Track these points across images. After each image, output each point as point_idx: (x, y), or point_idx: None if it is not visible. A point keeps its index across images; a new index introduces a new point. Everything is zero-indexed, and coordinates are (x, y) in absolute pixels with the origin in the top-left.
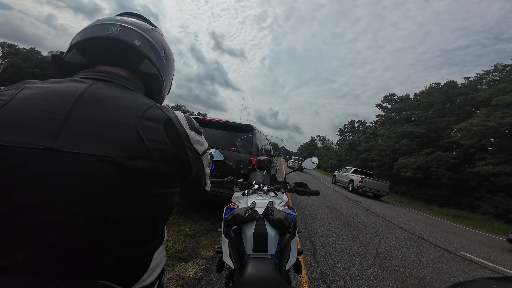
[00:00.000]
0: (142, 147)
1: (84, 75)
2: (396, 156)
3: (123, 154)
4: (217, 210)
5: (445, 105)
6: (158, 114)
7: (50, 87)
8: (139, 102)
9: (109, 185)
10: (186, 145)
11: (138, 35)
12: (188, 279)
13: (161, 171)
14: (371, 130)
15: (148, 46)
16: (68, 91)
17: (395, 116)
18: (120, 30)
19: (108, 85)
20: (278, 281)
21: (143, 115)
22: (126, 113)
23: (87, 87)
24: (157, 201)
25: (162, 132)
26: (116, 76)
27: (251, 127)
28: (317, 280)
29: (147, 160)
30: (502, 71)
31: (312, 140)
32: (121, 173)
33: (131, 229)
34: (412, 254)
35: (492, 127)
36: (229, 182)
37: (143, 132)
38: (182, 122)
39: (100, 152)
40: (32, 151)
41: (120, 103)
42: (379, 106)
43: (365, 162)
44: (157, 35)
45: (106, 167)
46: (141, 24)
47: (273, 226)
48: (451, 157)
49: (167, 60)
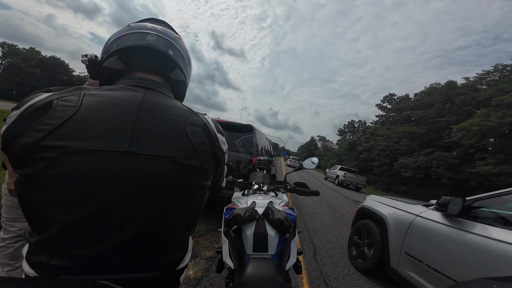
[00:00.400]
0: (192, 148)
1: (131, 82)
2: (396, 156)
3: (182, 155)
4: (217, 210)
5: (445, 105)
6: (198, 120)
7: (112, 95)
8: (182, 110)
9: (176, 180)
10: (217, 145)
11: (171, 45)
12: (188, 279)
13: (205, 167)
14: (371, 130)
15: (179, 55)
16: (129, 99)
17: (395, 116)
18: (156, 40)
19: (156, 94)
20: (278, 281)
21: (189, 121)
22: (177, 120)
23: (143, 96)
24: (201, 192)
25: (202, 135)
26: (157, 84)
27: (251, 127)
28: (317, 280)
29: (196, 159)
30: (502, 71)
31: (312, 140)
32: (182, 170)
33: (184, 217)
34: None
35: (492, 127)
36: (229, 182)
37: (192, 136)
38: (213, 126)
39: (167, 154)
40: (114, 154)
41: (170, 111)
42: (379, 106)
43: (365, 162)
44: (182, 44)
45: (173, 166)
46: (170, 33)
47: (273, 226)
48: (451, 157)
49: (190, 66)
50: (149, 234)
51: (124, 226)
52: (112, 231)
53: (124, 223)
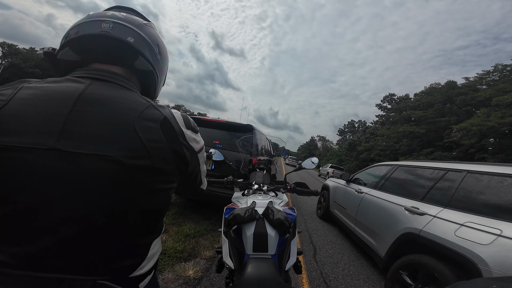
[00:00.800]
0: (141, 146)
1: (81, 73)
2: (396, 156)
3: (124, 154)
4: (217, 210)
5: (445, 105)
6: (155, 114)
7: (49, 87)
8: (136, 103)
9: (113, 182)
10: (182, 142)
11: (131, 31)
12: (188, 279)
13: (159, 168)
14: (371, 130)
15: (142, 43)
16: (67, 91)
17: (395, 116)
18: (113, 27)
19: (106, 85)
20: (278, 281)
21: (141, 115)
22: (124, 114)
23: (85, 87)
24: (157, 196)
25: (159, 131)
26: (112, 74)
27: (251, 127)
28: (317, 280)
29: (146, 158)
30: (502, 71)
31: (312, 140)
32: (122, 171)
33: (134, 222)
34: None
35: (492, 127)
36: (229, 182)
37: (141, 132)
38: (179, 121)
39: (102, 152)
40: (38, 151)
41: (118, 103)
42: (379, 106)
43: (365, 162)
44: (150, 30)
45: (109, 165)
46: (134, 19)
47: (273, 226)
48: (451, 157)
49: (161, 55)
50: (91, 237)
51: (58, 227)
52: (45, 231)
53: (58, 224)
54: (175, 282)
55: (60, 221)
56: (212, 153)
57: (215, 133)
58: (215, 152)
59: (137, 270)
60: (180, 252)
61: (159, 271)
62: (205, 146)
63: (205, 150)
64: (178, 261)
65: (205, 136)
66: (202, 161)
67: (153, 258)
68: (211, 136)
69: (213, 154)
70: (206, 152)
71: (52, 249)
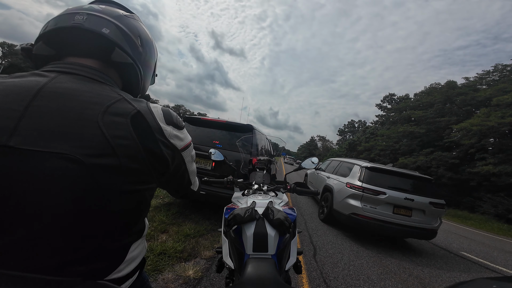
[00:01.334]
0: (105, 143)
1: (50, 67)
2: (396, 156)
3: (84, 152)
4: (217, 210)
5: (445, 105)
6: (126, 108)
7: (11, 82)
8: (104, 96)
9: (71, 182)
10: (159, 139)
11: (107, 22)
12: (188, 279)
13: (128, 168)
14: (371, 130)
15: (119, 34)
16: (27, 86)
17: (395, 116)
18: (87, 18)
19: (72, 78)
20: (278, 281)
21: (107, 110)
22: (88, 108)
23: (48, 81)
24: (128, 197)
25: (128, 127)
26: (84, 67)
27: (251, 127)
28: (317, 280)
29: (110, 157)
30: (502, 71)
31: (312, 140)
32: (83, 170)
33: (104, 224)
34: (412, 254)
35: (492, 127)
36: (229, 182)
37: (106, 128)
38: (157, 116)
39: (59, 150)
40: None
41: (83, 97)
42: (379, 106)
43: None
44: (131, 22)
45: (66, 164)
46: (112, 10)
47: (273, 226)
48: (451, 157)
49: (144, 47)
50: (51, 238)
51: (14, 227)
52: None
53: (12, 225)
54: (175, 282)
55: (15, 221)
56: (212, 153)
57: (215, 133)
58: (215, 152)
59: (114, 273)
60: (180, 252)
61: (159, 271)
62: (205, 146)
63: (205, 150)
64: (178, 261)
65: (205, 136)
66: (189, 160)
67: (134, 261)
68: (211, 136)
69: (213, 154)
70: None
71: (9, 250)
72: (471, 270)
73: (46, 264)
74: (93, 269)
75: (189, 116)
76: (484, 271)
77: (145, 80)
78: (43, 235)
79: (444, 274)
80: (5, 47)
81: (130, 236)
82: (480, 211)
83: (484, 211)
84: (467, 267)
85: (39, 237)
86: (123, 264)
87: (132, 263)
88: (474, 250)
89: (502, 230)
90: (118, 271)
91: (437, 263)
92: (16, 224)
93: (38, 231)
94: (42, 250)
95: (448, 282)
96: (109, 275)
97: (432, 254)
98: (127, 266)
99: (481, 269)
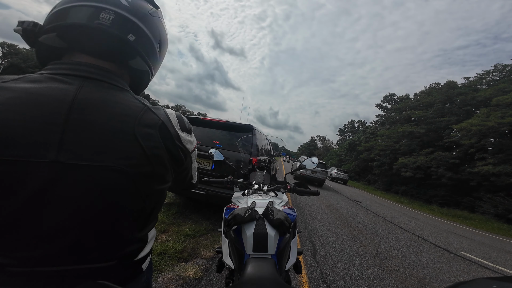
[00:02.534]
0: (143, 154)
1: (65, 70)
2: (396, 156)
3: (126, 163)
4: (217, 210)
5: (445, 105)
6: (153, 119)
7: (32, 89)
8: (132, 107)
9: (121, 190)
10: (178, 145)
11: (134, 26)
12: (188, 279)
13: (159, 173)
14: (371, 130)
15: (144, 41)
16: (56, 95)
17: (395, 116)
18: (113, 19)
19: (97, 85)
20: (278, 281)
21: (140, 122)
22: (123, 121)
23: (76, 90)
24: (154, 196)
25: (158, 137)
26: (104, 72)
27: (251, 127)
28: (317, 280)
29: (147, 166)
30: (502, 71)
31: (312, 140)
32: (126, 179)
33: (137, 218)
34: (412, 254)
35: (492, 127)
36: (229, 182)
37: (142, 140)
38: (174, 124)
39: (106, 163)
40: (38, 164)
41: (115, 109)
42: (379, 106)
43: (365, 162)
44: (155, 22)
45: (117, 175)
46: (139, 7)
47: (273, 226)
48: (451, 157)
49: (161, 52)
50: (95, 238)
51: (73, 231)
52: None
53: (71, 229)
54: (175, 282)
55: (72, 227)
56: (212, 153)
57: (215, 133)
58: (215, 152)
59: (140, 254)
60: (180, 252)
61: (159, 271)
62: (205, 146)
63: (205, 150)
64: (178, 261)
65: (205, 136)
66: (194, 159)
67: (151, 242)
68: (211, 136)
69: (213, 154)
70: (206, 152)
71: (58, 251)
72: (471, 270)
73: (94, 256)
74: (127, 254)
75: (189, 116)
76: (484, 271)
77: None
78: (94, 237)
79: (444, 274)
80: (5, 47)
81: (151, 225)
82: (480, 211)
83: (484, 211)
84: (467, 267)
85: (90, 238)
86: (147, 246)
87: (150, 243)
88: (474, 250)
89: (502, 230)
90: (142, 252)
91: (437, 263)
92: (71, 230)
93: (90, 234)
94: (92, 247)
95: (448, 282)
96: (138, 256)
97: (432, 254)
98: (146, 246)
99: (481, 269)
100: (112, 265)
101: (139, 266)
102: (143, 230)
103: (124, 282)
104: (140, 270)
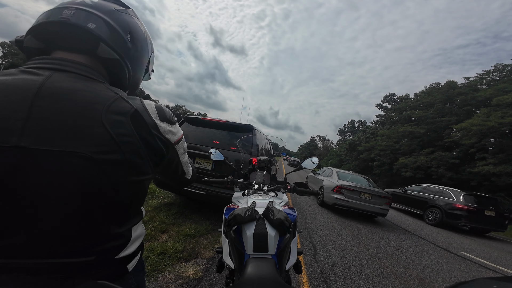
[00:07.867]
0: (111, 141)
1: (39, 63)
2: (396, 156)
3: (93, 149)
4: (217, 210)
5: (445, 105)
6: (125, 107)
7: (3, 82)
8: (102, 95)
9: (84, 176)
10: (155, 134)
11: (94, 17)
12: (188, 279)
13: (132, 162)
14: (371, 130)
15: (106, 29)
16: (24, 85)
17: (395, 116)
18: (74, 13)
19: (67, 76)
20: (278, 281)
21: (109, 109)
22: (91, 108)
23: (44, 80)
24: (130, 188)
25: (129, 125)
26: (75, 64)
27: (251, 127)
28: (317, 280)
29: (117, 153)
30: (502, 71)
31: (312, 140)
32: (93, 166)
33: (111, 211)
34: (412, 254)
35: (492, 127)
36: (229, 182)
37: (110, 127)
38: (152, 113)
39: (70, 149)
40: (0, 149)
41: (83, 97)
42: (379, 106)
43: (365, 162)
44: (122, 16)
45: (78, 161)
46: (104, 5)
47: (273, 226)
48: (451, 157)
49: (134, 43)
50: (71, 228)
51: (37, 220)
52: (19, 226)
53: (35, 218)
54: (175, 282)
55: (36, 216)
56: (212, 153)
57: (215, 133)
58: (215, 152)
59: (123, 251)
60: (180, 252)
61: (159, 271)
62: (204, 146)
63: (205, 150)
64: (178, 261)
65: (205, 136)
66: (181, 152)
67: (137, 240)
68: (211, 136)
69: (213, 154)
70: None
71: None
72: (471, 270)
73: (68, 249)
74: (106, 249)
75: (189, 116)
76: (484, 271)
77: (135, 76)
78: (63, 226)
79: (445, 274)
80: (6, 47)
81: (134, 218)
82: None
83: None
84: (467, 267)
85: (60, 227)
86: (130, 243)
87: (136, 242)
88: (474, 250)
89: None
90: (126, 249)
91: (437, 263)
92: (38, 218)
93: (58, 223)
94: (63, 238)
95: (448, 282)
96: (119, 254)
97: (432, 254)
98: (132, 244)
99: (481, 269)
100: (90, 260)
101: (124, 266)
102: (123, 225)
103: (106, 280)
104: (125, 270)
